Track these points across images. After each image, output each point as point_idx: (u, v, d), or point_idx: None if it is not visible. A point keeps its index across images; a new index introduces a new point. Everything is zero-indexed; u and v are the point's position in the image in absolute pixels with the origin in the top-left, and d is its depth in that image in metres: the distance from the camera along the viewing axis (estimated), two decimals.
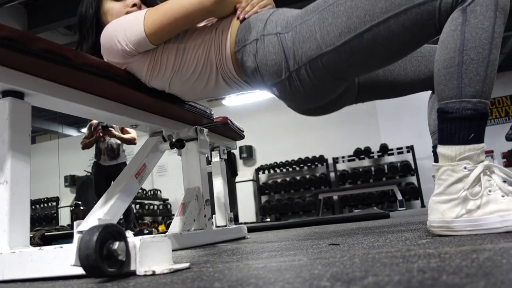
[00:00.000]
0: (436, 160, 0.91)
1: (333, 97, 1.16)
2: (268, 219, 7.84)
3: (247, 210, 8.39)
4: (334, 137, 8.45)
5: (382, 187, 6.83)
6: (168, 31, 1.13)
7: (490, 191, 0.83)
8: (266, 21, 1.09)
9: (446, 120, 0.85)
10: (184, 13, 1.09)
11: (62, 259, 0.77)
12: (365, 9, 0.92)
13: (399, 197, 6.19)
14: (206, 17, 1.16)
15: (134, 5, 1.30)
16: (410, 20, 0.89)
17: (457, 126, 0.84)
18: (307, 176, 8.42)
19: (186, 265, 0.75)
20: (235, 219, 5.85)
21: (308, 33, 0.99)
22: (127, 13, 1.29)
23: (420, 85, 1.22)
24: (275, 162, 8.71)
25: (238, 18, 1.14)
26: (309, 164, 8.51)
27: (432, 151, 1.11)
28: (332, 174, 8.36)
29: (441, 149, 0.87)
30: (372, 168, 7.93)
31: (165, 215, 9.10)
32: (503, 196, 0.82)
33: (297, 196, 8.37)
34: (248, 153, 8.99)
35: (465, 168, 0.84)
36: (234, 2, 1.16)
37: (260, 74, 1.09)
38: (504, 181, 0.88)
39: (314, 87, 1.06)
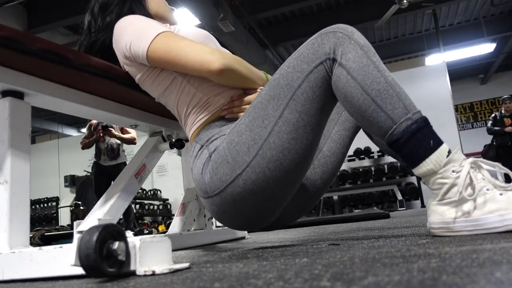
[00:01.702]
0: (420, 178, 0.91)
1: (267, 222, 1.06)
2: None
3: None
4: None
5: (382, 187, 6.83)
6: (165, 65, 1.08)
7: (487, 189, 0.83)
8: (216, 134, 1.04)
9: (402, 146, 0.86)
10: (184, 62, 1.04)
11: (62, 259, 0.77)
12: (260, 116, 0.93)
13: (399, 197, 6.20)
14: (204, 77, 1.08)
15: None
16: (300, 103, 0.91)
17: (414, 143, 0.84)
18: None
19: (186, 265, 0.75)
20: None
21: (220, 159, 0.96)
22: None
23: (354, 135, 1.26)
24: None
25: (222, 110, 1.09)
26: None
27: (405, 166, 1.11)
28: None
29: (418, 170, 0.87)
30: (372, 168, 7.93)
31: (165, 215, 9.10)
32: (501, 195, 0.82)
33: None
34: None
35: (453, 171, 0.84)
36: (243, 85, 1.10)
37: (193, 174, 1.06)
38: (497, 178, 0.88)
39: (238, 212, 0.99)
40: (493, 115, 6.48)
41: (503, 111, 6.30)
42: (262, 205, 0.98)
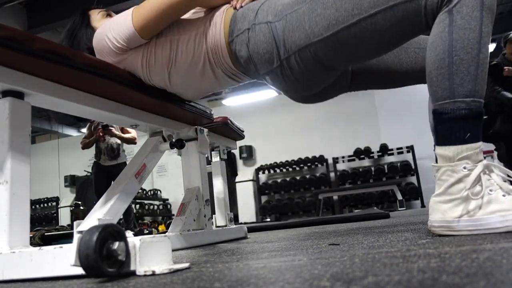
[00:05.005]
0: (436, 160, 0.91)
1: (326, 85, 1.17)
2: (268, 219, 7.85)
3: (247, 210, 8.39)
4: (334, 137, 8.45)
5: (382, 187, 6.83)
6: (156, 24, 1.13)
7: (491, 190, 0.83)
8: (257, 10, 1.09)
9: (442, 121, 0.85)
10: (169, 3, 1.10)
11: (62, 259, 0.77)
12: (353, 2, 0.93)
13: (399, 197, 6.19)
14: (192, 7, 1.16)
15: None
16: (396, 16, 0.91)
17: (452, 126, 0.84)
18: (307, 176, 8.42)
19: (186, 265, 0.75)
20: (235, 219, 5.85)
21: (297, 23, 1.00)
22: None
23: (415, 77, 1.21)
24: (275, 162, 8.71)
25: (234, 7, 1.14)
26: (309, 164, 8.51)
27: (434, 150, 1.12)
28: (332, 174, 8.36)
29: (439, 150, 0.87)
30: (372, 168, 7.93)
31: (165, 215, 9.10)
32: (504, 196, 0.82)
33: (297, 196, 8.37)
34: (248, 153, 8.99)
35: (464, 168, 0.84)
36: None
37: (253, 63, 1.10)
38: (505, 181, 0.88)
39: (305, 75, 1.07)
40: (494, 62, 3.88)
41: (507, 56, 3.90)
42: (324, 73, 1.08)
